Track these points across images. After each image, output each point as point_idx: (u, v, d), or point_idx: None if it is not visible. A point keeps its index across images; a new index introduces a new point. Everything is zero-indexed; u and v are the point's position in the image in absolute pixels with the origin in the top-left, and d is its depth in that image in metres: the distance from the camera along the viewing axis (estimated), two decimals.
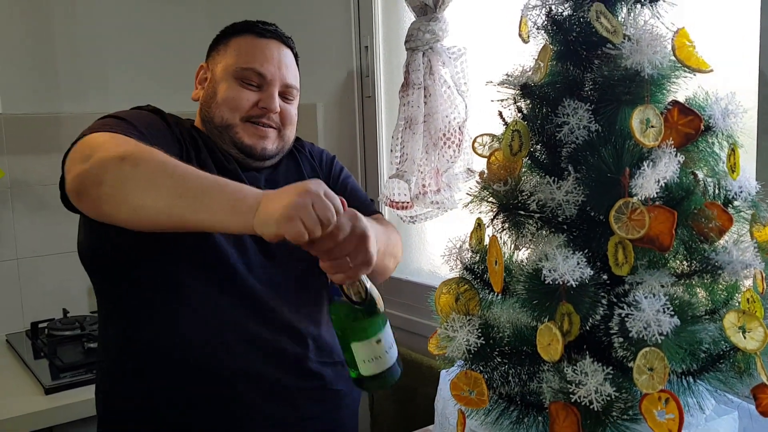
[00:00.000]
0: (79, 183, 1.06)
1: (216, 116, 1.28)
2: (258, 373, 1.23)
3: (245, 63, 1.28)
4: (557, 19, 0.91)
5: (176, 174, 1.01)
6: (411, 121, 1.68)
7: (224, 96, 1.27)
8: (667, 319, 0.78)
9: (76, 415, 1.63)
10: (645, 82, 0.85)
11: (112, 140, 1.08)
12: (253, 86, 1.28)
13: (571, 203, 0.87)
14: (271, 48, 1.31)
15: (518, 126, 0.91)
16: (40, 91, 2.19)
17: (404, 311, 1.93)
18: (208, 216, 0.97)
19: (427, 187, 1.71)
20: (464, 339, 0.88)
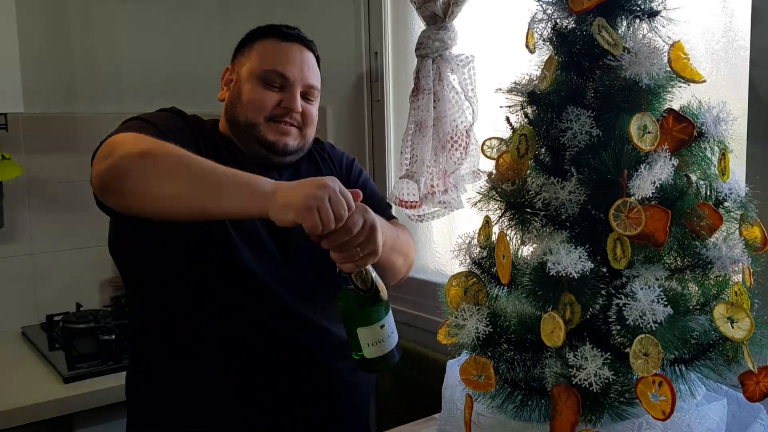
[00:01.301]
0: (103, 180, 1.13)
1: (241, 116, 1.34)
2: (277, 364, 1.29)
3: (269, 65, 1.34)
4: (562, 32, 0.98)
5: (194, 165, 1.08)
6: (421, 125, 1.75)
7: (249, 97, 1.33)
8: (661, 308, 0.85)
9: (94, 403, 1.69)
10: (643, 92, 0.92)
11: (132, 139, 1.15)
12: (276, 87, 1.34)
13: (573, 202, 0.94)
14: (294, 51, 1.37)
15: (525, 130, 0.98)
16: (56, 92, 2.25)
17: (410, 307, 2.00)
18: (226, 202, 1.06)
19: (435, 188, 1.78)
20: (474, 327, 0.95)
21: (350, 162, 1.55)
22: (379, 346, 1.15)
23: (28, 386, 1.70)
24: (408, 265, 1.48)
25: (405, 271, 1.48)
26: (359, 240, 1.06)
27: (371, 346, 1.15)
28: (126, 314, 2.10)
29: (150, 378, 1.33)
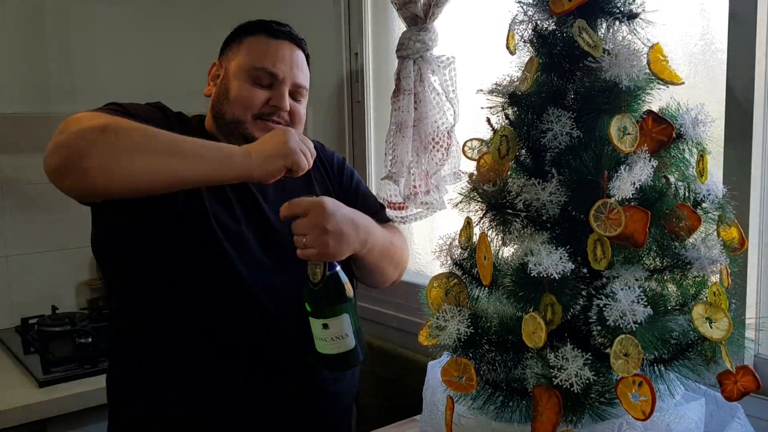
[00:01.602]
0: (60, 157, 1.05)
1: (227, 113, 1.32)
2: (258, 372, 1.27)
3: (258, 62, 1.32)
4: (543, 34, 0.98)
5: (161, 136, 1.07)
6: (401, 126, 1.75)
7: (236, 94, 1.32)
8: (641, 309, 0.85)
9: (70, 407, 1.67)
10: (622, 93, 0.93)
11: (89, 115, 1.10)
12: (265, 85, 1.32)
13: (554, 203, 0.94)
14: (284, 48, 1.35)
15: (506, 132, 0.98)
16: (31, 91, 2.22)
17: (391, 308, 1.99)
18: (202, 167, 1.08)
19: (418, 188, 1.78)
20: (455, 328, 0.95)
21: (341, 162, 1.53)
22: (324, 344, 1.16)
23: (1, 391, 1.68)
24: (400, 271, 1.47)
25: (396, 277, 1.47)
26: (302, 228, 1.14)
27: (318, 341, 1.17)
28: (104, 316, 2.07)
29: (130, 380, 1.31)
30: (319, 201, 1.16)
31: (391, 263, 1.40)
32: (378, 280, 1.43)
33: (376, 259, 1.32)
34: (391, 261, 1.40)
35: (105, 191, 1.08)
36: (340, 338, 1.16)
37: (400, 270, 1.47)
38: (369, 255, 1.29)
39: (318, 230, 1.14)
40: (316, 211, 1.15)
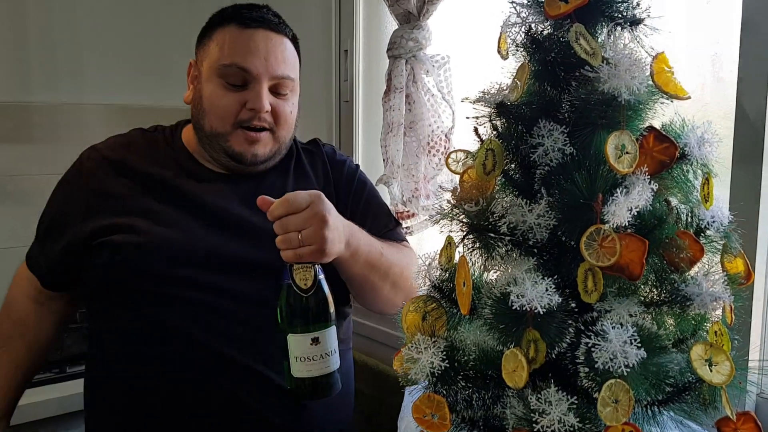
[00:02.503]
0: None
1: (206, 125, 1.20)
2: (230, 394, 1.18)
3: (227, 58, 1.18)
4: (536, 38, 0.89)
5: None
6: (392, 125, 1.66)
7: (210, 103, 1.19)
8: (633, 351, 0.76)
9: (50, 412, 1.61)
10: (621, 108, 0.84)
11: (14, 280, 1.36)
12: (239, 85, 1.18)
13: (542, 227, 0.85)
14: (257, 38, 1.19)
15: (492, 145, 0.89)
16: (9, 79, 2.14)
17: (372, 320, 1.91)
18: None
19: (420, 191, 1.70)
20: (428, 361, 0.86)
21: (353, 171, 1.37)
22: (309, 364, 1.01)
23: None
24: (402, 293, 1.29)
25: (398, 299, 1.29)
26: (298, 223, 1.02)
27: (299, 362, 1.02)
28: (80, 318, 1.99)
29: (102, 388, 1.24)
30: (319, 192, 1.06)
31: (385, 279, 1.24)
32: (374, 299, 1.28)
33: (363, 270, 1.20)
34: (385, 277, 1.24)
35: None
36: (329, 355, 1.03)
37: (403, 292, 1.29)
38: (353, 261, 1.18)
39: (319, 222, 1.03)
40: (319, 203, 1.04)
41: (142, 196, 1.21)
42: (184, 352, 1.15)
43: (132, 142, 1.29)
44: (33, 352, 1.35)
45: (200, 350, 1.15)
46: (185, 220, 1.19)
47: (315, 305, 1.03)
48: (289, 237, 1.03)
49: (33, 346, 1.35)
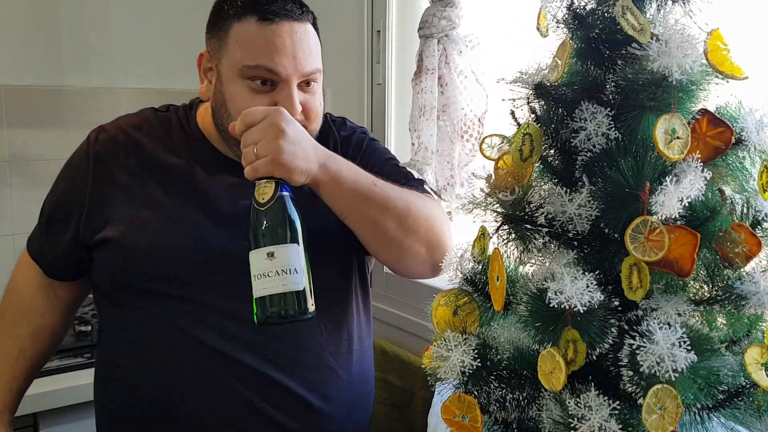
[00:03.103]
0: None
1: (232, 128, 1.08)
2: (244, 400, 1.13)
3: (251, 59, 1.07)
4: (579, 13, 0.83)
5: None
6: (424, 108, 1.59)
7: (235, 106, 1.09)
8: (683, 354, 0.70)
9: (62, 401, 1.59)
10: (672, 88, 0.77)
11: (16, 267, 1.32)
12: (267, 85, 1.09)
13: (583, 218, 0.79)
14: (282, 34, 1.08)
15: (530, 129, 0.83)
16: (42, 63, 2.13)
17: (403, 310, 1.86)
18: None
19: (456, 179, 1.64)
20: (459, 360, 0.81)
21: (360, 140, 1.28)
22: (266, 280, 0.94)
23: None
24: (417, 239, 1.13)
25: (407, 245, 1.13)
26: (255, 135, 0.99)
27: (257, 280, 0.95)
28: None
29: (109, 387, 1.20)
30: (279, 107, 1.02)
31: (385, 213, 1.10)
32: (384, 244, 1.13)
33: (352, 200, 1.08)
34: (384, 210, 1.10)
35: None
36: (287, 273, 0.94)
37: (419, 235, 1.13)
38: (336, 187, 1.06)
39: (274, 132, 0.98)
40: (275, 114, 1.00)
41: (153, 186, 1.14)
42: (194, 355, 1.10)
43: (144, 123, 1.21)
44: (40, 340, 1.30)
45: (211, 353, 1.10)
46: (197, 216, 1.12)
47: (271, 219, 0.97)
48: (246, 151, 1.00)
49: (40, 333, 1.30)
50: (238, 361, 1.10)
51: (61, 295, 1.31)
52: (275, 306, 0.94)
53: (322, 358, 1.16)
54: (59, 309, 1.32)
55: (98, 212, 1.15)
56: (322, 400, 1.15)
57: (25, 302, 1.30)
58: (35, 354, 1.30)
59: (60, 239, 1.21)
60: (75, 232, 1.18)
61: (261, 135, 0.98)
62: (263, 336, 1.10)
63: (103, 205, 1.15)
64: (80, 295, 1.35)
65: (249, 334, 1.10)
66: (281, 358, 1.12)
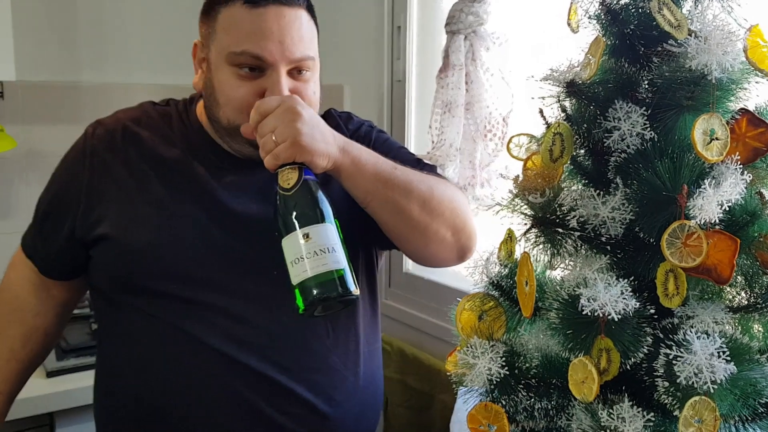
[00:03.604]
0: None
1: (222, 117, 1.08)
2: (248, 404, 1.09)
3: (237, 45, 1.03)
4: (613, 9, 0.79)
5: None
6: (450, 105, 1.56)
7: (224, 95, 1.07)
8: (722, 365, 0.67)
9: (78, 401, 1.57)
10: (711, 87, 0.74)
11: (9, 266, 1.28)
12: (254, 72, 1.05)
13: (617, 221, 0.76)
14: (268, 18, 1.03)
15: (561, 128, 0.80)
16: (59, 59, 2.12)
17: (422, 311, 1.83)
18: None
19: (476, 179, 1.60)
20: (486, 368, 0.78)
21: (368, 132, 1.24)
22: (304, 263, 0.87)
23: None
24: (442, 222, 1.08)
25: (432, 228, 1.08)
26: (272, 122, 0.95)
27: (294, 265, 0.88)
28: None
29: (110, 390, 1.17)
30: (293, 95, 1.01)
31: (409, 197, 1.05)
32: (409, 230, 1.08)
33: (375, 185, 1.04)
34: (407, 194, 1.05)
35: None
36: (326, 252, 0.88)
37: (444, 218, 1.08)
38: (358, 171, 1.03)
39: (290, 117, 0.95)
40: (290, 100, 0.97)
41: (152, 180, 1.10)
42: (195, 358, 1.07)
43: (143, 116, 1.17)
44: (32, 342, 1.25)
45: (213, 356, 1.06)
46: (197, 214, 1.09)
47: (301, 201, 0.92)
48: (264, 140, 0.96)
49: (32, 335, 1.24)
50: (242, 363, 1.07)
51: (55, 295, 1.26)
52: (318, 288, 0.87)
53: (329, 360, 1.12)
54: (53, 310, 1.27)
55: (95, 208, 1.11)
56: (329, 405, 1.12)
57: (18, 302, 1.25)
58: (27, 356, 1.26)
59: (56, 236, 1.17)
60: (71, 229, 1.14)
61: (278, 121, 0.95)
62: (268, 338, 1.08)
63: (101, 200, 1.11)
64: (75, 296, 1.30)
65: (253, 336, 1.07)
66: (286, 361, 1.09)
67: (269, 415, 1.08)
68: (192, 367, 1.07)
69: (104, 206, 1.11)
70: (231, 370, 1.07)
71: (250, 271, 1.08)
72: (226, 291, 1.07)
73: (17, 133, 2.00)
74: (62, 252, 1.17)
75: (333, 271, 0.88)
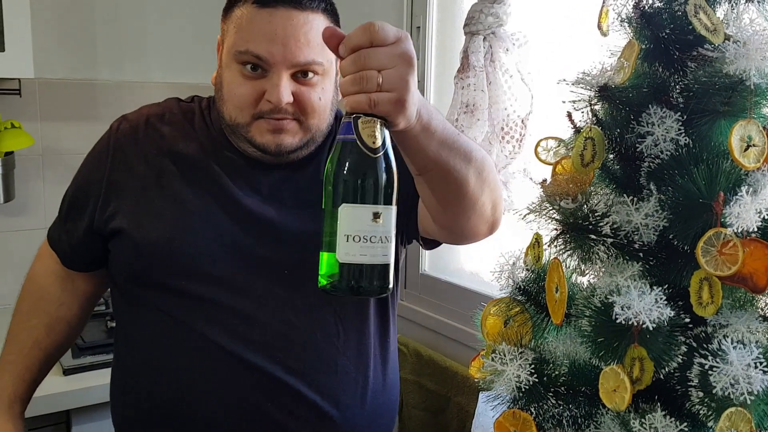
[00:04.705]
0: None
1: (226, 115, 1.08)
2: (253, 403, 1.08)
3: (242, 44, 1.03)
4: (647, 12, 0.78)
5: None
6: (473, 107, 1.54)
7: (228, 92, 1.07)
8: (759, 376, 0.66)
9: (95, 399, 1.57)
10: (749, 92, 0.72)
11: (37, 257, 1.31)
12: (258, 72, 1.04)
13: (650, 228, 0.75)
14: (275, 20, 1.02)
15: (592, 133, 0.79)
16: (76, 57, 2.12)
17: (438, 313, 1.82)
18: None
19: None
20: (514, 374, 0.77)
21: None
22: (366, 246, 0.76)
23: None
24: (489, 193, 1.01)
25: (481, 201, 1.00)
26: (383, 59, 0.77)
27: (351, 242, 0.76)
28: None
29: (125, 385, 1.18)
30: (404, 32, 0.81)
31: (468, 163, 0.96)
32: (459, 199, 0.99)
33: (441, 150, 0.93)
34: (468, 160, 0.96)
35: None
36: (387, 241, 0.77)
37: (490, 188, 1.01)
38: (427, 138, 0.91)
39: (408, 65, 0.78)
40: (406, 40, 0.80)
41: (170, 176, 1.11)
42: (204, 356, 1.07)
43: (166, 112, 1.18)
44: (56, 332, 1.27)
45: (221, 354, 1.06)
46: (212, 211, 1.09)
47: (382, 171, 0.77)
48: (366, 75, 0.77)
49: (55, 325, 1.26)
50: (249, 362, 1.06)
51: (79, 286, 1.28)
52: (363, 278, 0.77)
53: (339, 363, 1.11)
54: (77, 301, 1.29)
55: (113, 201, 1.12)
56: (337, 408, 1.11)
57: (42, 292, 1.28)
58: (50, 345, 1.27)
59: (77, 227, 1.19)
60: (90, 220, 1.15)
61: (390, 62, 0.78)
62: (275, 337, 1.07)
63: (119, 194, 1.12)
64: (99, 289, 1.32)
65: (261, 335, 1.07)
66: (293, 361, 1.08)
67: (274, 416, 1.07)
68: (200, 364, 1.07)
69: (121, 200, 1.11)
70: (238, 368, 1.06)
71: (260, 271, 1.08)
72: (236, 289, 1.07)
73: (35, 130, 2.01)
74: (82, 244, 1.19)
75: (386, 265, 0.78)
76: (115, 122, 1.19)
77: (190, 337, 1.07)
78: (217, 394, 1.07)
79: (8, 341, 1.26)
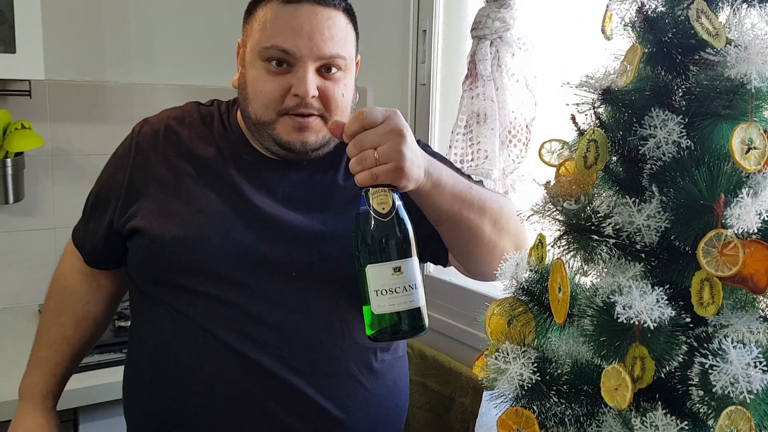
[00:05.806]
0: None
1: (251, 113, 1.11)
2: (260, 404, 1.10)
3: (267, 40, 1.07)
4: (650, 16, 0.79)
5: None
6: (484, 116, 1.56)
7: (253, 89, 1.10)
8: (759, 375, 0.67)
9: (102, 397, 1.59)
10: (750, 96, 0.73)
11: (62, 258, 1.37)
12: (283, 68, 1.07)
13: (652, 229, 0.76)
14: (300, 15, 1.06)
15: (596, 135, 0.80)
16: (85, 59, 2.15)
17: (443, 314, 1.83)
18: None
19: (498, 187, 1.60)
20: (517, 373, 0.78)
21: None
22: (391, 297, 0.90)
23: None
24: (509, 239, 1.12)
25: (500, 246, 1.11)
26: (374, 139, 0.92)
27: (380, 296, 0.90)
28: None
29: (135, 381, 1.20)
30: (395, 109, 0.97)
31: (482, 215, 1.08)
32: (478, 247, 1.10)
33: (452, 204, 1.05)
34: (482, 212, 1.08)
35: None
36: (413, 288, 0.91)
37: (510, 235, 1.12)
38: (438, 194, 1.04)
39: (397, 138, 0.92)
40: (395, 117, 0.94)
41: (186, 178, 1.14)
42: (212, 355, 1.09)
43: (186, 116, 1.22)
44: (83, 328, 1.32)
45: (229, 354, 1.08)
46: (227, 213, 1.11)
47: (395, 231, 0.92)
48: (364, 155, 0.92)
49: (82, 322, 1.32)
50: (255, 362, 1.08)
51: (103, 284, 1.33)
52: (398, 324, 0.91)
53: (344, 366, 1.12)
54: (102, 298, 1.33)
55: (133, 201, 1.16)
56: (343, 411, 1.12)
57: (69, 290, 1.32)
58: (78, 341, 1.32)
59: (98, 227, 1.23)
60: (111, 220, 1.20)
61: (383, 139, 0.93)
62: (283, 338, 1.09)
63: (138, 195, 1.16)
64: (123, 287, 1.36)
65: (267, 335, 1.09)
66: (299, 362, 1.10)
67: (276, 414, 1.08)
68: (207, 362, 1.09)
69: (141, 201, 1.14)
70: (244, 368, 1.08)
71: (270, 272, 1.10)
72: (246, 289, 1.09)
73: (44, 131, 2.03)
74: (102, 242, 1.23)
75: (417, 309, 0.91)
76: (137, 125, 1.23)
77: (197, 335, 1.09)
78: (225, 392, 1.08)
79: (38, 338, 1.31)
